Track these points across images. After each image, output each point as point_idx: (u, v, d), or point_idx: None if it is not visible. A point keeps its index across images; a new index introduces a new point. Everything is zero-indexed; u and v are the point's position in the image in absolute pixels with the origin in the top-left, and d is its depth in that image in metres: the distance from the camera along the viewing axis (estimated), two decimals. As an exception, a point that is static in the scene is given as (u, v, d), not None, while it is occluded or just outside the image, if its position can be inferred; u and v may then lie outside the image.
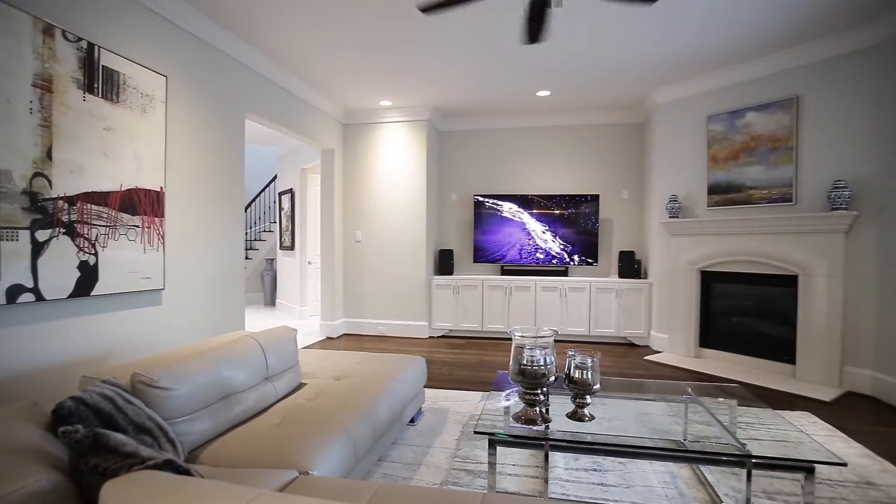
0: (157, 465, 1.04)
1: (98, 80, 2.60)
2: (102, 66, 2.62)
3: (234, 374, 2.05)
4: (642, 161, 5.71)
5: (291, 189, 7.34)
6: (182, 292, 3.31)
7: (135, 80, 2.83)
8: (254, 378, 2.18)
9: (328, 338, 5.72)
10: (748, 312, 4.49)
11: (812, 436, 2.31)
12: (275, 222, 8.89)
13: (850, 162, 3.74)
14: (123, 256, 2.78)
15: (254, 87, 4.10)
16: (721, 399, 2.37)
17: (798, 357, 3.98)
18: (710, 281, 4.68)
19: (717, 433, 2.01)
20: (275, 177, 8.78)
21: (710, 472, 2.32)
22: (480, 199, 5.89)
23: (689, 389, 2.46)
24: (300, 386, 2.55)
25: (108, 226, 2.67)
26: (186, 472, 1.08)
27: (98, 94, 2.60)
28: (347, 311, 6.00)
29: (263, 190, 9.39)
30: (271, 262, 8.57)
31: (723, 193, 4.50)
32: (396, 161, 5.80)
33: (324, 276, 5.80)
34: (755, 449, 1.82)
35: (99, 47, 2.60)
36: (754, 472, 1.81)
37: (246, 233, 9.13)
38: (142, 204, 2.90)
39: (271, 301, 8.53)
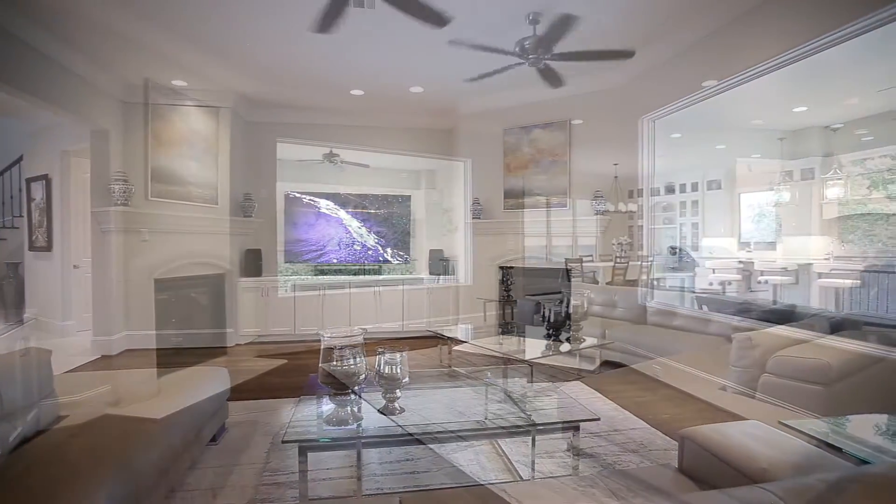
0: None
1: None
2: None
3: (-56, 417, 1.54)
4: (451, 165, 6.16)
5: (47, 175, 5.88)
6: None
7: None
8: (-21, 419, 1.67)
9: (104, 356, 4.75)
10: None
11: (579, 400, 2.80)
12: (21, 216, 6.98)
13: (603, 176, 4.65)
14: None
15: (-20, 40, 3.15)
16: (516, 378, 2.71)
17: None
18: (506, 273, 5.31)
19: (510, 409, 2.29)
20: (20, 158, 6.88)
21: (506, 444, 2.62)
22: (297, 195, 5.60)
23: (489, 373, 2.74)
24: (57, 420, 2.05)
25: None
26: None
27: None
28: (131, 322, 5.06)
29: (1, 174, 7.28)
30: (16, 266, 6.70)
31: (516, 198, 5.15)
32: (194, 150, 5.11)
33: (96, 283, 4.80)
34: (538, 418, 2.12)
35: None
36: (538, 437, 2.11)
37: (-26, 229, 6.96)
38: None
39: (16, 317, 6.69)
